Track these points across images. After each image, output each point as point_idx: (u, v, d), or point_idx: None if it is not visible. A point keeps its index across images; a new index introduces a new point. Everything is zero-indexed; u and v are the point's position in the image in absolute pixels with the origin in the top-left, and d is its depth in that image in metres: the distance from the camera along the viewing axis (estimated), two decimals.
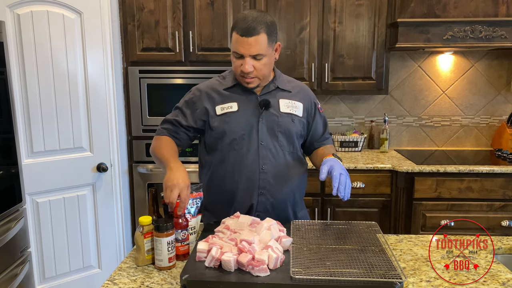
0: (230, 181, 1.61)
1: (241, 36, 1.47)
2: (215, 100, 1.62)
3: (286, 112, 1.61)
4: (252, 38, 1.46)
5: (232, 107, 1.60)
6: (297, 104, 1.64)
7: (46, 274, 2.56)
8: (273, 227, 1.35)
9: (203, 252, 1.24)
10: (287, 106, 1.62)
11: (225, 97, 1.61)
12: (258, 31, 1.46)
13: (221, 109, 1.60)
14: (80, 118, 2.57)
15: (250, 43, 1.47)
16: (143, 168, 2.89)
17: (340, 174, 1.43)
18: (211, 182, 1.67)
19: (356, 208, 2.81)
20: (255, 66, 1.51)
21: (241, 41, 1.47)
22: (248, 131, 1.58)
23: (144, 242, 1.34)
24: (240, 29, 1.47)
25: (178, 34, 2.79)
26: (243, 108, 1.60)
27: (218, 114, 1.60)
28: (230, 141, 1.59)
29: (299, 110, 1.64)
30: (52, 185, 2.52)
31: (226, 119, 1.59)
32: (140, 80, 2.82)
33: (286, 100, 1.63)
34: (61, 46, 2.45)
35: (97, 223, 2.74)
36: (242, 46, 1.48)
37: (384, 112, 3.29)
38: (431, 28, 2.75)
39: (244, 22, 1.47)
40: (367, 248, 1.31)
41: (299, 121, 1.64)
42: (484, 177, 2.67)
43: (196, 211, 1.48)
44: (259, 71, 1.53)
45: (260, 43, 1.48)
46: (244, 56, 1.49)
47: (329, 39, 2.93)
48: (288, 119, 1.61)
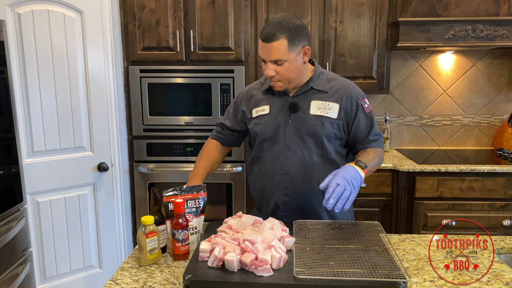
0: (260, 180, 1.69)
1: (262, 41, 1.50)
2: (252, 103, 1.71)
3: (315, 114, 1.59)
4: (271, 44, 1.48)
5: (265, 110, 1.66)
6: (331, 105, 1.60)
7: (47, 274, 2.56)
8: (276, 226, 1.35)
9: (206, 252, 1.24)
10: (319, 108, 1.60)
11: (261, 99, 1.69)
12: (277, 36, 1.47)
13: (256, 112, 1.68)
14: (81, 117, 2.57)
15: (269, 49, 1.49)
16: (144, 167, 2.88)
17: (337, 185, 1.36)
18: (250, 178, 1.78)
19: (357, 208, 2.79)
20: (277, 70, 1.53)
21: (262, 46, 1.51)
22: (276, 133, 1.62)
23: (147, 242, 1.34)
24: (262, 34, 1.50)
25: (179, 33, 2.78)
26: (274, 111, 1.64)
27: (253, 117, 1.69)
28: (261, 142, 1.66)
29: (333, 112, 1.59)
30: (53, 185, 2.51)
31: (258, 121, 1.66)
32: (141, 79, 2.82)
33: (319, 102, 1.60)
34: (61, 45, 2.44)
35: (97, 223, 2.73)
36: (263, 51, 1.52)
37: (385, 112, 3.29)
38: (433, 27, 2.74)
39: (266, 27, 1.50)
40: (370, 248, 1.30)
41: (331, 123, 1.59)
42: (486, 176, 2.67)
43: (199, 212, 1.47)
44: (282, 75, 1.54)
45: (279, 48, 1.48)
46: (266, 61, 1.53)
47: (330, 38, 2.93)
48: (316, 122, 1.59)
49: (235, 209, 2.91)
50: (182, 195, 1.44)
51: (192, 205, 1.46)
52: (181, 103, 2.85)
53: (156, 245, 1.36)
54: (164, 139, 2.90)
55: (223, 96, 2.81)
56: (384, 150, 3.14)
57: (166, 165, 2.90)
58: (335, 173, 1.42)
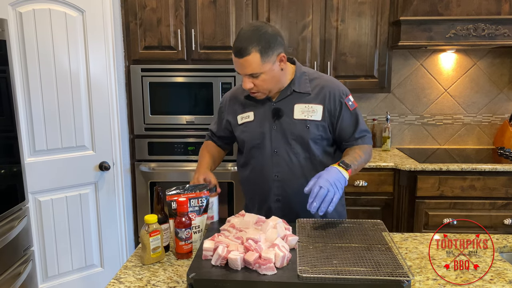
0: (251, 186, 1.71)
1: (234, 56, 1.47)
2: (237, 110, 1.69)
3: (300, 118, 1.58)
4: (244, 59, 1.44)
5: (249, 117, 1.65)
6: (315, 107, 1.58)
7: (49, 273, 2.56)
8: (279, 225, 1.35)
9: (209, 250, 1.24)
10: (302, 111, 1.58)
11: (244, 105, 1.67)
12: (249, 51, 1.42)
13: (241, 119, 1.67)
14: (82, 116, 2.57)
15: (243, 64, 1.46)
16: (145, 166, 2.88)
17: (320, 188, 1.37)
18: (241, 181, 1.79)
19: (358, 207, 2.81)
20: (254, 83, 1.51)
21: (235, 61, 1.49)
22: (262, 140, 1.62)
23: (150, 240, 1.34)
24: (234, 48, 1.47)
25: (180, 32, 2.78)
26: (259, 117, 1.64)
27: (239, 124, 1.68)
28: (249, 149, 1.66)
29: (317, 114, 1.58)
30: (55, 184, 2.51)
31: (244, 129, 1.66)
32: (142, 78, 2.82)
33: (302, 105, 1.59)
34: (63, 44, 2.44)
35: (99, 222, 2.73)
36: (236, 66, 1.50)
37: (386, 111, 3.28)
38: (434, 26, 2.74)
39: (237, 42, 1.46)
40: (373, 247, 1.30)
41: (316, 126, 1.58)
42: (487, 175, 2.67)
43: (202, 210, 1.48)
44: (260, 86, 1.52)
45: (252, 63, 1.44)
46: (242, 75, 1.51)
47: (331, 37, 2.92)
48: (301, 126, 1.58)
49: (237, 208, 2.91)
50: (185, 194, 1.44)
51: (195, 203, 1.46)
52: (182, 102, 2.85)
53: (159, 243, 1.36)
54: (166, 138, 2.90)
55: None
56: (386, 149, 3.18)
57: (168, 164, 2.90)
58: (318, 176, 1.42)
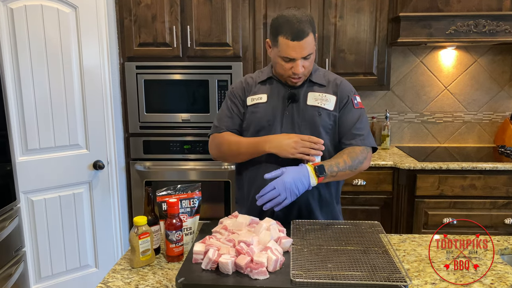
0: (252, 174, 1.60)
1: (291, 40, 1.45)
2: (249, 92, 1.64)
3: (312, 105, 1.56)
4: (304, 41, 1.45)
5: (262, 98, 1.60)
6: (328, 97, 1.56)
7: (42, 274, 2.52)
8: (273, 227, 1.31)
9: (199, 254, 1.20)
10: (315, 99, 1.57)
11: (258, 89, 1.63)
12: (307, 33, 1.45)
13: (251, 100, 1.61)
14: (76, 114, 2.52)
15: (302, 46, 1.46)
16: (141, 165, 2.84)
17: (274, 188, 1.37)
18: (240, 175, 1.67)
19: (357, 206, 2.77)
20: (304, 66, 1.51)
21: (292, 46, 1.45)
22: (273, 122, 1.57)
23: (139, 243, 1.30)
24: (289, 33, 1.44)
25: (176, 28, 2.73)
26: (272, 99, 1.59)
27: (248, 105, 1.61)
28: (256, 131, 1.58)
29: (330, 103, 1.56)
30: (48, 183, 2.47)
31: (254, 109, 1.59)
32: (137, 76, 2.77)
33: (316, 93, 1.57)
34: (56, 41, 2.39)
35: (93, 222, 2.69)
36: (294, 50, 1.46)
37: (385, 108, 3.24)
38: (434, 23, 2.69)
39: (291, 26, 1.44)
40: (370, 249, 1.26)
41: (327, 115, 1.55)
42: (487, 174, 2.63)
43: (193, 211, 1.43)
44: (307, 69, 1.53)
45: (310, 43, 1.47)
46: (296, 59, 1.48)
47: (329, 34, 2.88)
48: (313, 112, 1.55)
49: (233, 208, 2.86)
50: (176, 195, 1.40)
51: (187, 205, 1.42)
52: (178, 100, 2.81)
53: (149, 246, 1.32)
54: (161, 136, 2.85)
55: (220, 92, 2.76)
56: (385, 147, 3.14)
57: (163, 163, 2.86)
58: (283, 171, 1.40)
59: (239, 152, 1.57)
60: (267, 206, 1.39)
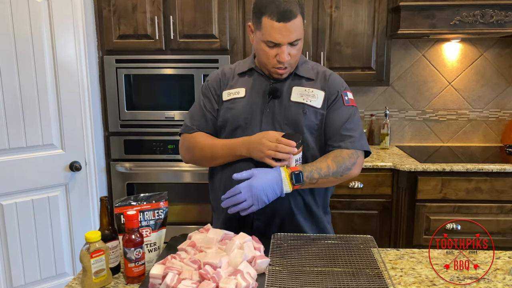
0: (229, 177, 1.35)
1: (277, 21, 1.25)
2: (226, 85, 1.45)
3: (296, 101, 1.36)
4: (292, 22, 1.26)
5: (239, 93, 1.41)
6: (315, 92, 1.37)
7: (14, 283, 2.35)
8: (247, 245, 1.12)
9: (157, 278, 1.02)
10: (301, 94, 1.37)
11: (236, 81, 1.45)
12: (295, 13, 1.26)
13: (228, 95, 1.43)
14: (50, 112, 2.34)
15: (289, 29, 1.26)
16: (122, 166, 2.67)
17: (240, 192, 1.19)
18: (213, 178, 1.49)
19: (353, 210, 2.59)
20: (291, 53, 1.31)
21: (277, 28, 1.26)
22: (250, 120, 1.37)
23: (91, 262, 1.12)
24: (275, 13, 1.24)
25: (158, 19, 2.55)
26: (251, 94, 1.40)
27: (224, 100, 1.42)
28: (231, 131, 1.39)
29: (317, 100, 1.36)
30: (19, 186, 2.29)
31: (230, 105, 1.41)
32: (117, 70, 2.59)
33: (301, 88, 1.38)
34: (25, 33, 2.20)
35: (71, 227, 2.52)
36: (280, 33, 1.26)
37: (385, 105, 3.08)
38: (437, 13, 2.52)
39: (277, 5, 1.24)
40: (361, 272, 1.07)
41: (314, 113, 1.36)
42: (494, 176, 2.45)
43: (159, 224, 1.25)
44: (294, 57, 1.33)
45: (298, 26, 1.28)
46: (282, 44, 1.28)
47: (325, 25, 2.70)
48: (297, 110, 1.35)
49: None
50: (137, 206, 1.21)
51: (150, 217, 1.23)
52: (161, 96, 2.63)
53: (104, 265, 1.14)
54: (143, 135, 2.68)
55: None
56: (384, 147, 2.95)
57: (146, 164, 2.68)
58: (252, 173, 1.22)
59: (213, 157, 1.38)
60: (231, 210, 1.22)
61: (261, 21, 1.28)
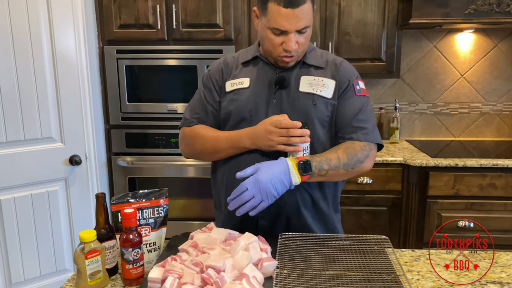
0: (230, 176, 1.30)
1: (284, 7, 1.17)
2: (229, 75, 1.37)
3: (306, 91, 1.28)
4: (301, 8, 1.18)
5: (243, 83, 1.33)
6: (326, 81, 1.29)
7: (13, 280, 2.30)
8: (253, 246, 1.04)
9: (156, 282, 0.94)
10: (310, 84, 1.28)
11: (239, 71, 1.36)
12: None
13: (231, 85, 1.34)
14: (49, 104, 2.27)
15: (297, 15, 1.18)
16: (123, 160, 2.60)
17: (246, 189, 1.10)
18: (214, 173, 1.41)
19: (362, 207, 2.51)
20: (298, 41, 1.22)
21: (285, 14, 1.17)
22: (256, 112, 1.28)
23: (86, 263, 1.04)
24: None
25: (160, 8, 2.46)
26: (256, 85, 1.32)
27: (227, 91, 1.34)
28: (235, 124, 1.31)
29: (328, 90, 1.28)
30: (17, 181, 2.23)
31: (234, 97, 1.32)
32: (118, 61, 2.52)
33: (311, 77, 1.30)
34: (23, 23, 2.13)
35: (71, 222, 2.46)
36: (287, 20, 1.18)
37: (394, 98, 2.99)
38: (451, 1, 2.43)
39: None
40: (376, 276, 0.99)
41: (325, 104, 1.28)
42: (509, 172, 2.36)
43: (159, 223, 1.17)
44: (302, 46, 1.25)
45: (307, 12, 1.20)
46: (289, 32, 1.19)
47: (333, 15, 2.61)
48: (307, 101, 1.27)
49: None
50: (135, 203, 1.14)
51: (150, 215, 1.15)
52: (164, 88, 2.56)
53: (100, 267, 1.06)
54: (145, 128, 2.61)
55: None
56: (394, 141, 2.86)
57: (148, 158, 2.61)
58: (258, 167, 1.13)
59: (214, 150, 1.30)
60: (240, 211, 1.13)
61: (267, 6, 1.19)
